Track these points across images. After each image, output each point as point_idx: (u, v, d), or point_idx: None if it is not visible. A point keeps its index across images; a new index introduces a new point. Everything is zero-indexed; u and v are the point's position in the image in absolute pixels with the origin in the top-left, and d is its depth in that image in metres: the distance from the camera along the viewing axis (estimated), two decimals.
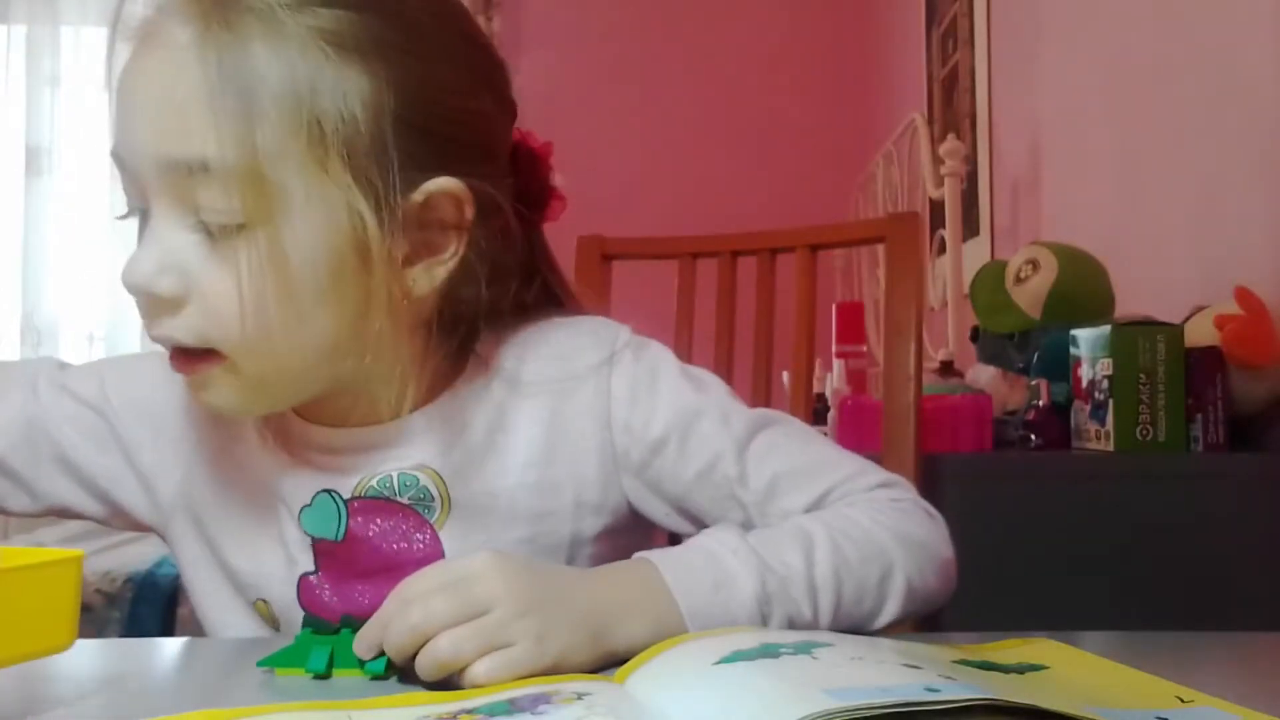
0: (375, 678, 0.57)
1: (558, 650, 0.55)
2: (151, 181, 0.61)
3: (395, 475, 0.69)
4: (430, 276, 0.65)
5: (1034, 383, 1.52)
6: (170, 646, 0.68)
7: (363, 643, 0.56)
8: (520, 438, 0.71)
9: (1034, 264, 1.59)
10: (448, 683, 0.54)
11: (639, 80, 3.75)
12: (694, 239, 1.39)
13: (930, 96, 3.11)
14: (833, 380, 1.91)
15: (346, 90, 0.60)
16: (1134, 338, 1.33)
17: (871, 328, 2.55)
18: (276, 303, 0.61)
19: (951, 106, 2.91)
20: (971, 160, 2.63)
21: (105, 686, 0.56)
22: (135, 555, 2.36)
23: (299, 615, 0.71)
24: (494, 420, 0.70)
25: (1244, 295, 1.33)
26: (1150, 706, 0.47)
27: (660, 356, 0.74)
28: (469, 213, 0.65)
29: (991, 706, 0.42)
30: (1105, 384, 1.34)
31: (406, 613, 0.54)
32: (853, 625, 0.63)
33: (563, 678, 0.53)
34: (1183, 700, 0.48)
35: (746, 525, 0.69)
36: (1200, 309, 1.41)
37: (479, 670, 0.53)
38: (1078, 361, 1.41)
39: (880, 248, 1.48)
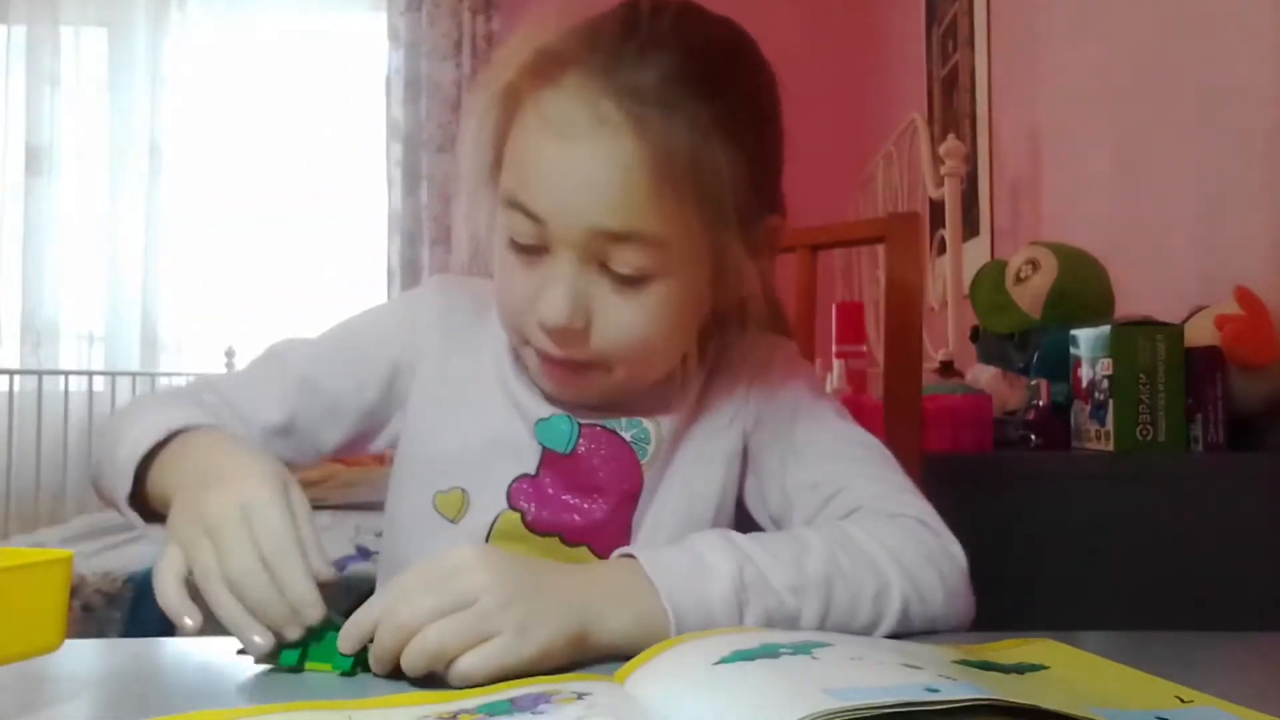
0: (344, 674, 0.57)
1: (541, 641, 0.56)
2: (573, 239, 0.72)
3: (624, 417, 0.81)
4: (751, 288, 0.81)
5: (1034, 383, 1.52)
6: (170, 646, 0.68)
7: (348, 639, 0.58)
8: (711, 415, 0.84)
9: (1034, 264, 1.59)
10: (430, 679, 0.55)
11: None
12: None
13: (930, 96, 3.11)
14: (833, 380, 1.90)
15: (723, 164, 0.72)
16: (1134, 338, 1.32)
17: (871, 328, 2.55)
18: (661, 331, 0.75)
19: (951, 106, 2.91)
20: (971, 160, 2.63)
21: (104, 686, 0.56)
22: (135, 555, 2.36)
23: (496, 510, 0.80)
24: (700, 398, 0.84)
25: (1244, 295, 1.33)
26: (1150, 706, 0.47)
27: (801, 372, 0.88)
28: (780, 241, 0.83)
29: (991, 706, 0.42)
30: (1105, 384, 1.34)
31: (394, 611, 0.56)
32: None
33: (562, 677, 0.54)
34: (1183, 700, 0.48)
35: (785, 493, 0.80)
36: (1200, 309, 1.41)
37: (463, 665, 0.54)
38: (1078, 361, 1.41)
39: (880, 248, 1.47)
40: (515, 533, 0.79)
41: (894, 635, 0.66)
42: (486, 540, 0.79)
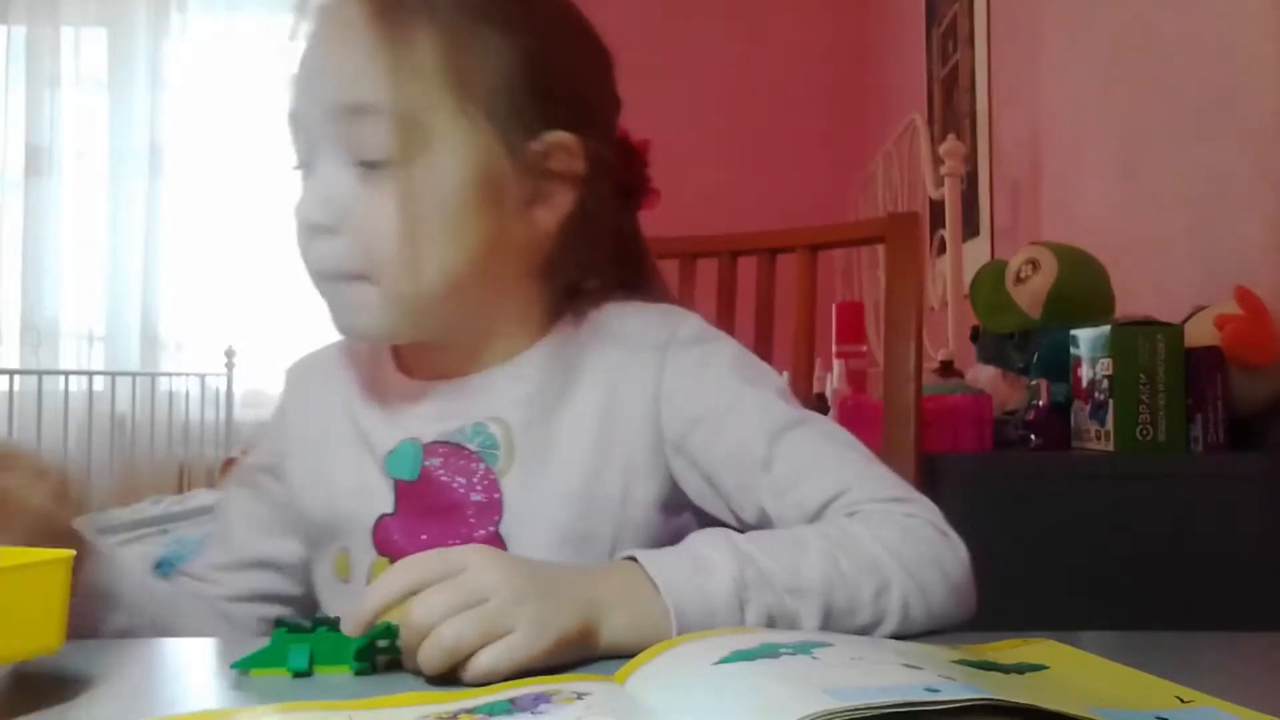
0: (359, 672, 0.57)
1: (555, 636, 0.56)
2: (319, 127, 0.71)
3: (469, 425, 0.76)
4: (547, 221, 0.75)
5: (1034, 383, 1.52)
6: (170, 646, 0.68)
7: (352, 620, 0.57)
8: (585, 401, 0.77)
9: (1034, 264, 1.59)
10: (443, 677, 0.55)
11: (638, 79, 3.73)
12: (693, 239, 1.38)
13: (930, 96, 3.11)
14: (833, 380, 1.91)
15: (486, 52, 0.72)
16: (1134, 338, 1.33)
17: (871, 328, 2.55)
18: (421, 230, 0.71)
19: (951, 106, 2.91)
20: (971, 160, 2.63)
21: (104, 686, 0.56)
22: (135, 555, 2.36)
23: (370, 560, 0.76)
24: (566, 383, 0.77)
25: (1244, 295, 1.33)
26: (1150, 706, 0.47)
27: (720, 348, 0.80)
28: (580, 166, 0.75)
29: (991, 706, 0.42)
30: (1105, 384, 1.34)
31: (408, 614, 0.56)
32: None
33: (562, 677, 0.54)
34: (1183, 700, 0.48)
35: (765, 512, 0.73)
36: (1200, 309, 1.41)
37: (482, 661, 0.54)
38: (1078, 361, 1.41)
39: (880, 248, 1.47)
40: None
41: (898, 633, 0.66)
42: None
